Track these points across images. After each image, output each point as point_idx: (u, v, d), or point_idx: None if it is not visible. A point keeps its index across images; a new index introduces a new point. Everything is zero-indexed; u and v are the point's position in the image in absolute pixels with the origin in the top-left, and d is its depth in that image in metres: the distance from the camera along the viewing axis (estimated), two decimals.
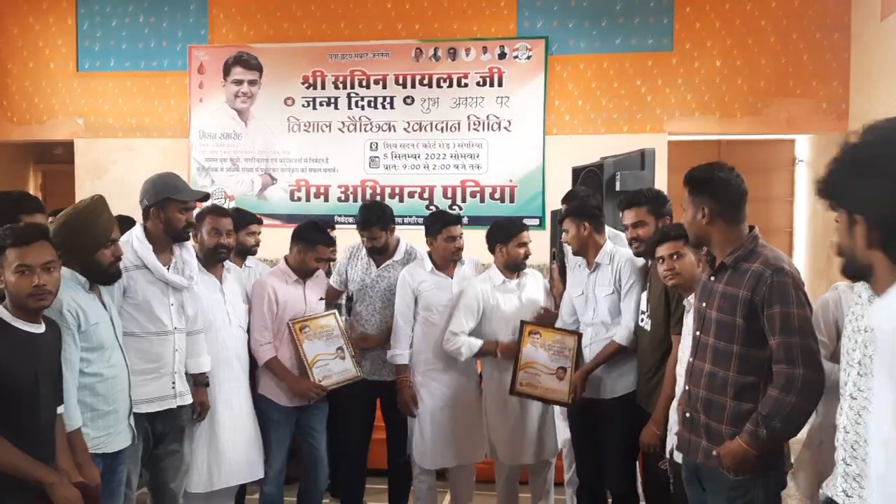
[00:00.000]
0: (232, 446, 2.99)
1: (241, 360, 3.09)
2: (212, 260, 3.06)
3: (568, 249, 3.60)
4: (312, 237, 3.27)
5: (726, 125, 6.77)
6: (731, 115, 6.72)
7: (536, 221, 6.44)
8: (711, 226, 2.30)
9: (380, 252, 3.53)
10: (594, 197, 3.53)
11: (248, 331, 3.14)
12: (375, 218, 3.51)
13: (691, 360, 2.38)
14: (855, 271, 1.45)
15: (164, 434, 2.69)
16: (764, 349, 2.19)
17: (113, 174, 7.15)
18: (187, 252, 2.79)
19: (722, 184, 2.29)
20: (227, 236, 3.06)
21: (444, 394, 3.37)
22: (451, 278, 3.44)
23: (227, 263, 3.15)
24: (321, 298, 3.39)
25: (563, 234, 3.37)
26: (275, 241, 4.72)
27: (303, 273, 3.27)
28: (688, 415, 2.35)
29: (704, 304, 2.33)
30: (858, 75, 6.47)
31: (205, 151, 7.23)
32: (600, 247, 3.29)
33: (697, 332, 2.36)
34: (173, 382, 2.66)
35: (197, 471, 2.91)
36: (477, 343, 3.28)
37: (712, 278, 2.33)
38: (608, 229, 3.47)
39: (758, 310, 2.17)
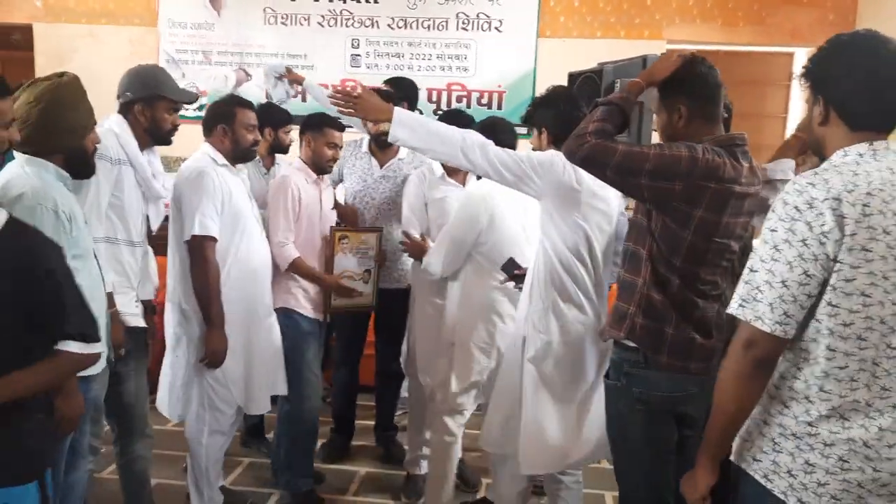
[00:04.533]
0: (265, 370, 2.78)
1: (270, 274, 2.87)
2: (245, 159, 2.82)
3: None
4: (319, 121, 3.07)
5: (728, 34, 6.46)
6: (733, 23, 6.40)
7: (525, 130, 6.18)
8: (688, 127, 2.02)
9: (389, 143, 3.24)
10: None
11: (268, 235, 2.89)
12: (410, 90, 3.31)
13: None
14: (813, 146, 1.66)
15: (125, 356, 2.45)
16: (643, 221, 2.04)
17: (76, 63, 6.66)
18: (155, 158, 2.49)
19: (700, 80, 2.01)
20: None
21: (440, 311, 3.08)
22: (464, 187, 3.05)
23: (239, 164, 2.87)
24: (332, 208, 3.16)
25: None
26: None
27: (319, 167, 3.03)
28: None
29: None
30: None
31: (175, 42, 6.76)
32: None
33: None
34: (137, 301, 2.41)
35: (231, 390, 2.71)
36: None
37: None
38: None
39: None
